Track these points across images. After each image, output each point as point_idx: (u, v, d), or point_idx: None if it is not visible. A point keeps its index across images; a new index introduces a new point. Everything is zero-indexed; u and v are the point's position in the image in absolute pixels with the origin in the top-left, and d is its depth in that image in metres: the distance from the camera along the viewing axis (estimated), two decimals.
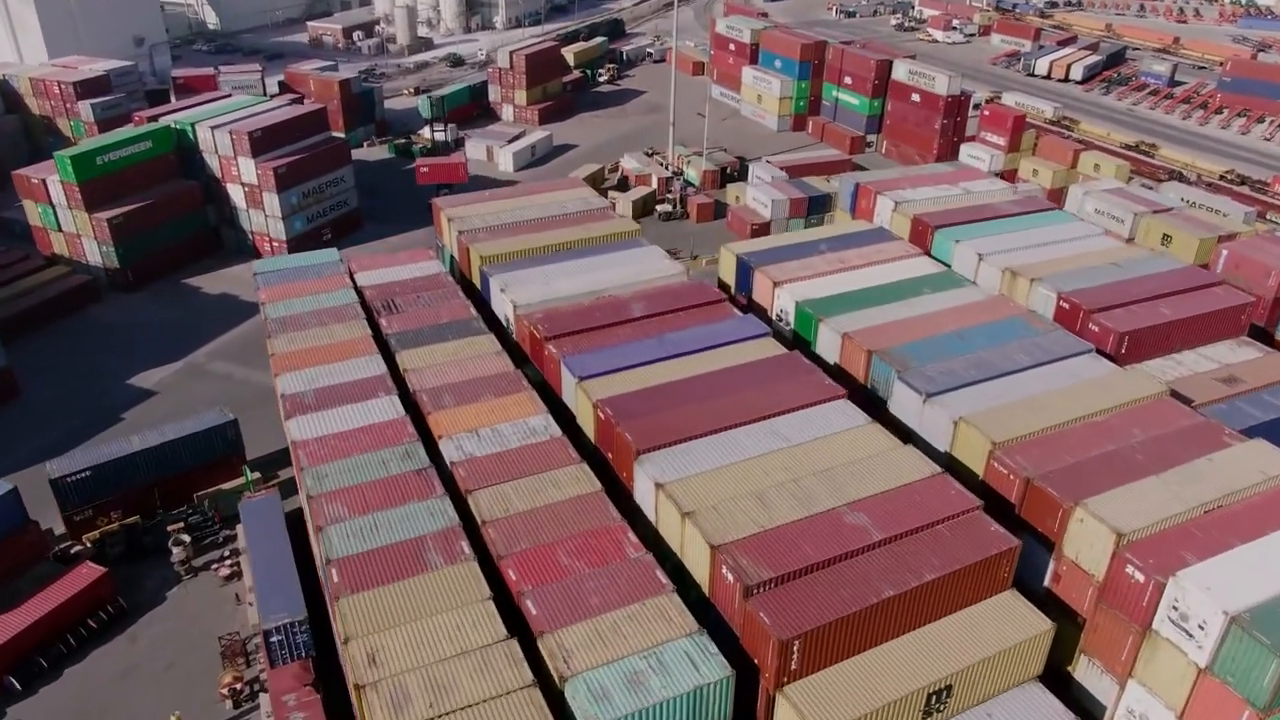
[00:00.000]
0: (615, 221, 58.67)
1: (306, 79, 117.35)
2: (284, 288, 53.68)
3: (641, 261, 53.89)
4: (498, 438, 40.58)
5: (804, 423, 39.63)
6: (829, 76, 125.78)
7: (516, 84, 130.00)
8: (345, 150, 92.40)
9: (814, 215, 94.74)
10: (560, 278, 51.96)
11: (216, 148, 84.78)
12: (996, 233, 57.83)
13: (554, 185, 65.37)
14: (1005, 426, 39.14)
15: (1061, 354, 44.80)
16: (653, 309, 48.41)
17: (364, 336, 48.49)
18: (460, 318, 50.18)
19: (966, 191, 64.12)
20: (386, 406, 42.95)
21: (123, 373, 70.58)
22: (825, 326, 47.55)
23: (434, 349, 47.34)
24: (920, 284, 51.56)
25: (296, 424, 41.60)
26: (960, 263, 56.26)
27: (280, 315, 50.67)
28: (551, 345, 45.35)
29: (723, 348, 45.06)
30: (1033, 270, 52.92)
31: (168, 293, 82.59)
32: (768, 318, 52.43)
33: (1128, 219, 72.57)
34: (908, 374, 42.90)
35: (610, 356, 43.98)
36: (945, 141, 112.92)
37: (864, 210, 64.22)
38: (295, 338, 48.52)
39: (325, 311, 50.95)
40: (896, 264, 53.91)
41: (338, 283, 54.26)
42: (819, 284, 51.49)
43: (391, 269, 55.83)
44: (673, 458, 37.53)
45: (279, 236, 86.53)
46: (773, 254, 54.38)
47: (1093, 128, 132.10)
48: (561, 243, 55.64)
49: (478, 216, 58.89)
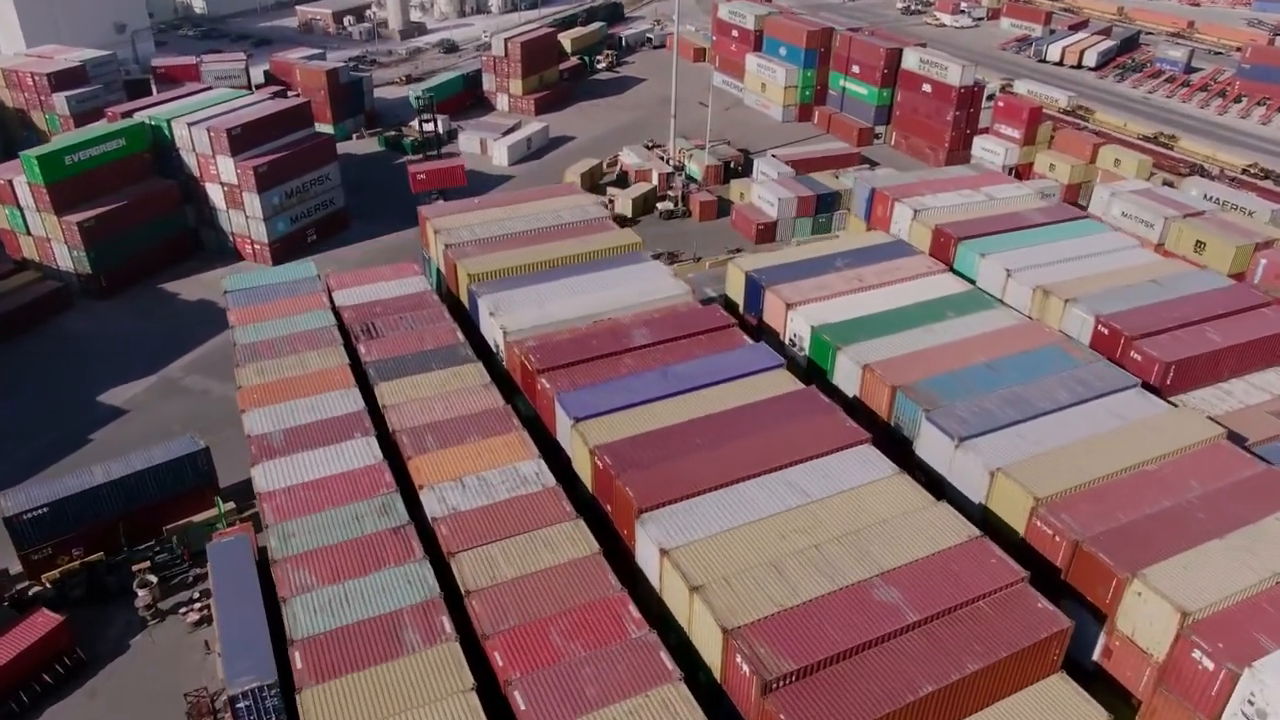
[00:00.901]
0: (614, 233, 54.50)
1: (292, 68, 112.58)
2: (255, 309, 49.63)
3: (643, 279, 49.81)
4: (484, 488, 36.66)
5: (824, 473, 35.70)
6: (836, 65, 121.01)
7: (511, 72, 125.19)
8: (330, 147, 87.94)
9: (822, 214, 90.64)
10: (555, 299, 47.92)
11: (194, 145, 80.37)
12: (1024, 245, 53.72)
13: (549, 191, 61.12)
14: (1048, 479, 35.22)
15: (1104, 389, 40.84)
16: (656, 336, 44.38)
17: (340, 366, 44.47)
18: (446, 344, 46.16)
19: (990, 198, 59.94)
20: (363, 450, 39.00)
21: (92, 389, 66.56)
22: (844, 356, 43.55)
23: (417, 380, 43.35)
24: (945, 305, 47.53)
25: (263, 472, 37.65)
26: (986, 278, 52.20)
27: (250, 341, 46.63)
28: (545, 379, 41.37)
29: (733, 382, 41.08)
30: (1066, 289, 48.86)
31: (143, 300, 78.40)
32: (779, 341, 48.43)
33: (1157, 223, 68.48)
34: (937, 414, 38.93)
35: (609, 393, 40.02)
36: (958, 134, 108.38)
37: (880, 218, 60.07)
38: (265, 367, 44.50)
39: (299, 337, 46.90)
40: (918, 282, 49.85)
41: (314, 302, 50.19)
42: (835, 306, 47.44)
43: (372, 286, 51.74)
44: (678, 517, 33.63)
45: (260, 239, 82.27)
46: (784, 271, 50.28)
47: (1108, 117, 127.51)
48: (556, 258, 51.54)
49: (466, 228, 54.72)
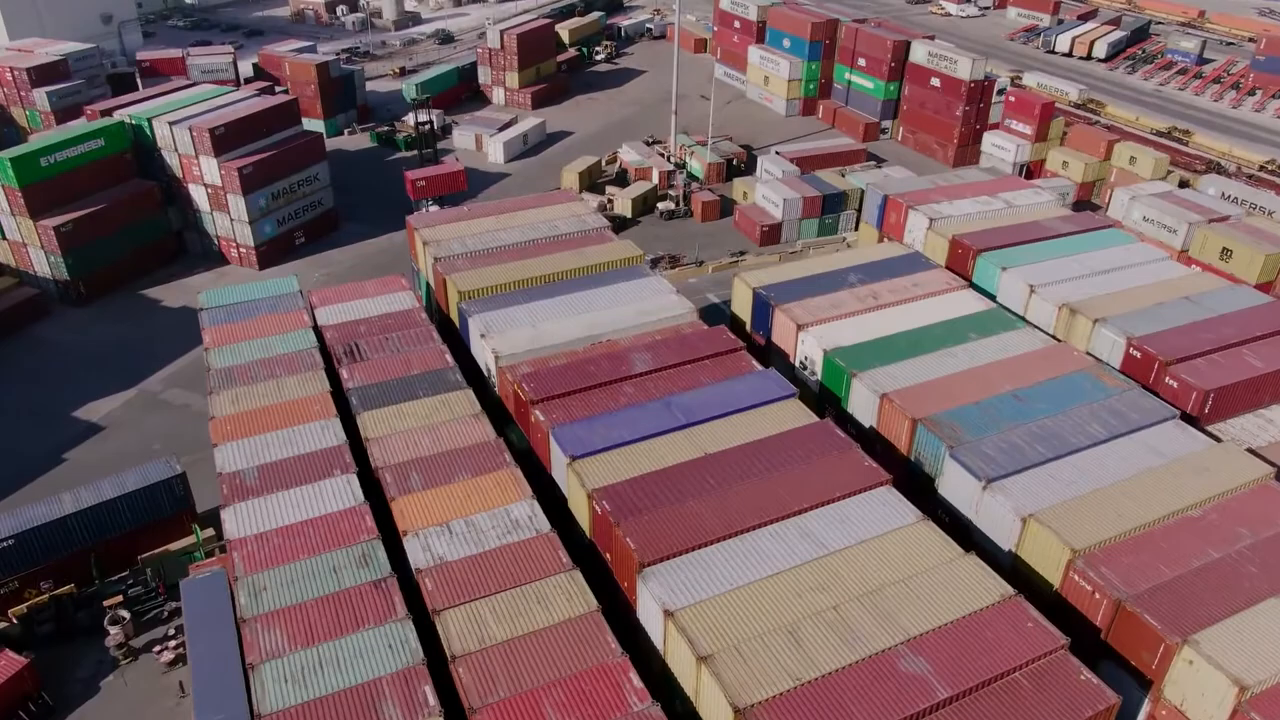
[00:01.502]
0: (614, 245, 51.48)
1: (281, 62, 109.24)
2: (232, 328, 46.71)
3: (645, 297, 46.86)
4: (473, 534, 33.84)
5: (842, 520, 32.87)
6: (841, 58, 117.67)
7: (508, 65, 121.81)
8: (319, 145, 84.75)
9: (829, 215, 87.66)
10: (550, 318, 44.99)
11: (176, 145, 77.26)
12: (1047, 257, 50.75)
13: (545, 199, 58.03)
14: (1086, 527, 32.40)
15: (1140, 422, 37.97)
16: (659, 361, 41.45)
17: (320, 394, 41.55)
18: (434, 368, 43.25)
19: (1009, 205, 56.92)
20: (342, 490, 36.14)
21: (68, 403, 63.74)
22: (860, 384, 40.65)
23: (402, 410, 40.46)
24: (966, 326, 44.61)
25: (234, 515, 34.80)
26: (1007, 294, 49.28)
27: (225, 365, 43.71)
28: (539, 411, 38.48)
29: (741, 414, 38.19)
30: (1095, 307, 45.95)
31: (123, 307, 75.42)
32: (789, 364, 45.55)
33: (1181, 229, 65.59)
34: (962, 451, 36.06)
35: (608, 427, 37.13)
36: (967, 130, 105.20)
37: (893, 226, 57.09)
38: (241, 395, 41.59)
39: (278, 360, 43.96)
40: (937, 300, 46.91)
41: (295, 321, 47.24)
42: (849, 326, 44.52)
43: (357, 303, 48.77)
44: (684, 571, 30.81)
45: (246, 242, 79.28)
46: (795, 288, 47.32)
47: (1120, 111, 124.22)
48: (552, 273, 48.57)
49: (457, 240, 51.72)
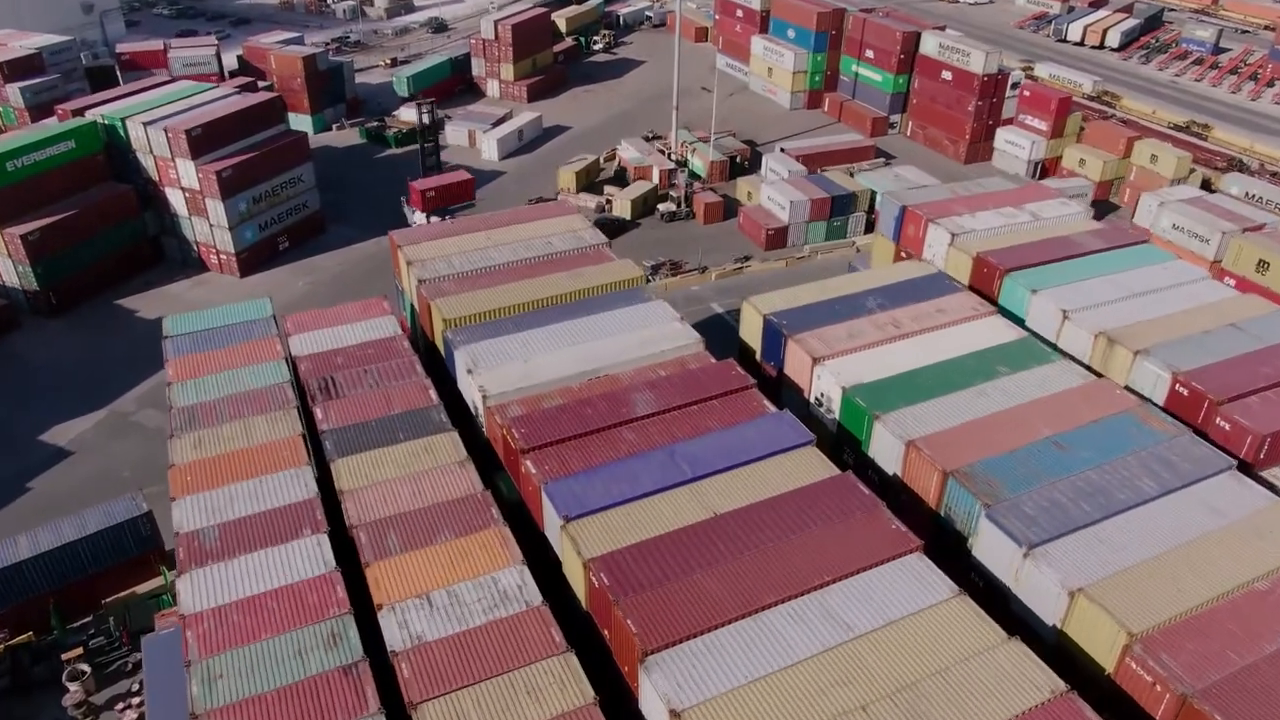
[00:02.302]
0: (613, 266, 47.72)
1: (266, 54, 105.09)
2: (198, 359, 42.98)
3: (647, 324, 43.20)
4: (456, 608, 30.30)
5: (868, 595, 29.32)
6: (848, 49, 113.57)
7: (502, 57, 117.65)
8: (303, 145, 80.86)
9: (837, 217, 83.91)
10: (544, 350, 41.32)
11: (151, 147, 73.35)
12: (1080, 278, 47.04)
13: (539, 211, 54.18)
14: (1143, 605, 28.89)
15: (1194, 474, 34.39)
16: (662, 402, 37.78)
17: (291, 438, 37.88)
18: (417, 406, 39.60)
19: (1036, 218, 53.14)
20: (312, 553, 32.55)
21: (35, 425, 60.14)
22: (883, 428, 37.02)
23: (381, 456, 36.83)
24: (997, 358, 40.95)
25: (190, 586, 31.21)
26: (1037, 318, 45.60)
27: (188, 403, 40.04)
28: (530, 461, 34.86)
29: (753, 465, 34.59)
30: (1134, 336, 42.29)
31: (97, 317, 71.67)
32: (803, 399, 41.92)
33: (1213, 238, 61.97)
34: (1000, 511, 32.49)
35: (606, 482, 33.53)
36: (979, 125, 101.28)
37: (911, 240, 53.36)
38: (205, 439, 37.93)
39: (246, 398, 40.27)
40: (963, 328, 43.23)
41: (267, 351, 43.54)
42: (869, 360, 40.85)
43: (335, 330, 45.06)
44: (692, 660, 27.27)
45: (226, 249, 75.50)
46: (809, 315, 43.63)
47: (1136, 104, 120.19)
48: (546, 297, 44.85)
49: (443, 259, 47.96)
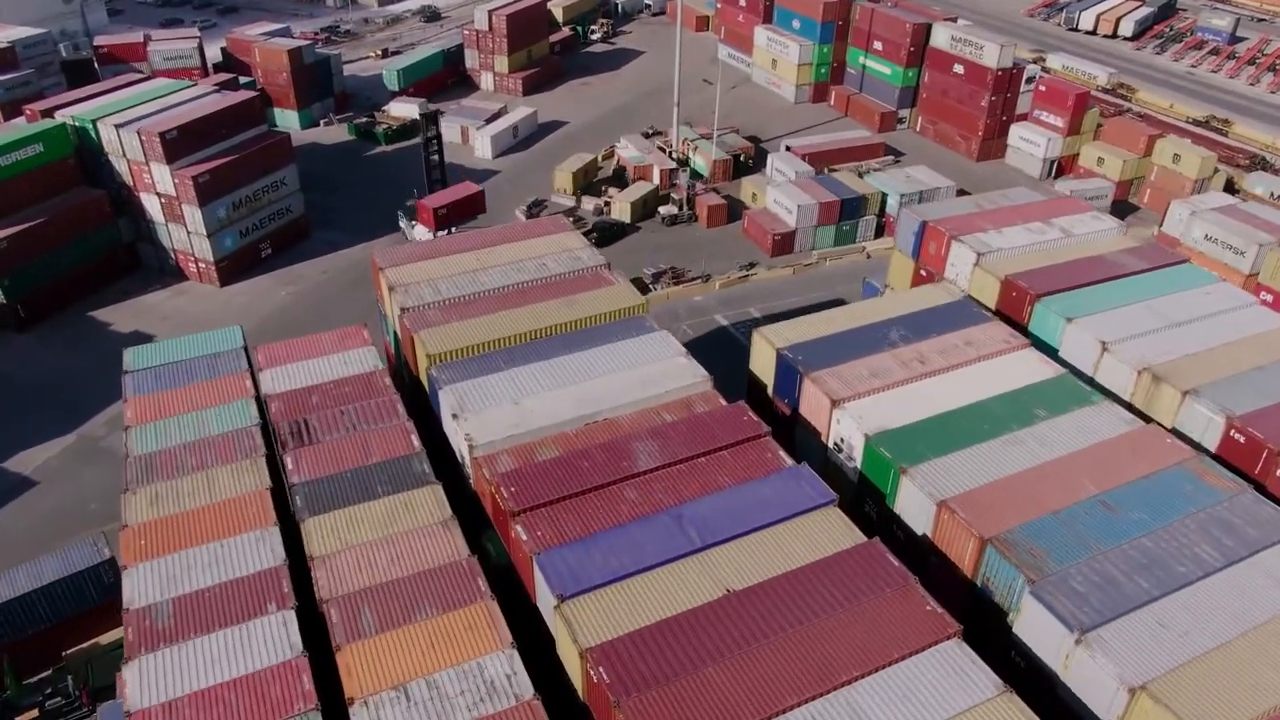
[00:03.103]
0: (612, 292, 44.03)
1: (251, 47, 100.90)
2: (159, 398, 39.36)
3: (649, 359, 39.55)
4: (437, 702, 26.81)
5: (902, 695, 25.86)
6: (855, 40, 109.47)
7: (496, 48, 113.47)
8: (286, 147, 76.94)
9: (846, 221, 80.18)
10: (537, 390, 37.73)
11: (124, 150, 69.48)
12: (1118, 304, 43.43)
13: (532, 228, 50.38)
14: (1213, 706, 25.43)
15: (1261, 541, 30.88)
16: (667, 454, 34.19)
17: (259, 492, 34.32)
18: (398, 454, 36.03)
19: (1067, 234, 49.45)
20: (277, 634, 29.02)
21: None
22: (911, 484, 33.48)
23: (356, 514, 33.27)
24: (1033, 400, 37.37)
25: (138, 678, 27.69)
26: (1073, 350, 42.03)
27: (147, 451, 36.43)
28: (521, 526, 31.32)
29: (770, 529, 31.08)
30: (1182, 373, 38.73)
31: (69, 331, 68.02)
32: (821, 443, 38.38)
33: (1249, 251, 58.31)
34: (1046, 587, 28.99)
35: (605, 553, 30.01)
36: (993, 121, 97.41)
37: (932, 258, 49.69)
38: (162, 494, 34.36)
39: (210, 444, 36.67)
40: (995, 364, 39.63)
41: (235, 388, 39.93)
42: (893, 401, 37.27)
43: (310, 363, 41.46)
44: None
45: (205, 257, 71.80)
46: (826, 348, 40.00)
47: (1152, 97, 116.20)
48: (539, 329, 41.22)
49: (428, 283, 44.26)
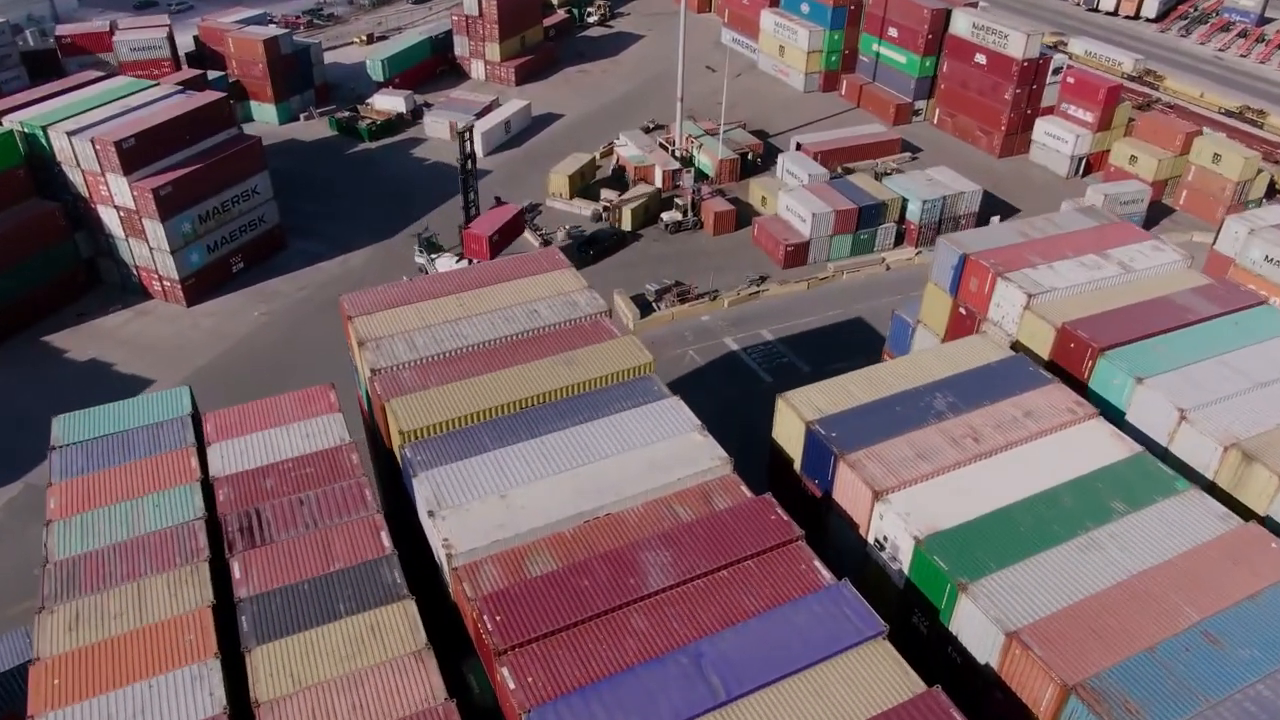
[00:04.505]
0: (614, 348, 38.38)
1: (224, 36, 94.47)
2: (90, 482, 33.84)
3: (658, 434, 34.01)
4: None
5: None
6: (868, 27, 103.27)
7: (487, 35, 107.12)
8: (257, 152, 70.96)
9: (864, 229, 74.51)
10: (528, 476, 32.24)
11: (78, 160, 63.54)
12: (1194, 359, 37.96)
13: (521, 265, 44.49)
14: None
15: None
16: (683, 568, 28.71)
17: (199, 611, 28.90)
18: (365, 558, 30.59)
19: (1126, 269, 43.86)
20: None
21: None
22: (972, 604, 28.12)
23: (314, 640, 27.86)
24: (1109, 488, 31.98)
25: None
26: (1144, 416, 36.62)
27: (69, 555, 31.03)
28: (508, 669, 25.97)
29: (808, 671, 25.77)
30: (1277, 450, 33.36)
31: (18, 360, 62.44)
32: (859, 535, 33.03)
33: None
34: None
35: (611, 710, 24.70)
36: (1016, 115, 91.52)
37: (974, 296, 44.15)
38: (83, 615, 28.92)
39: (146, 544, 31.18)
40: (1060, 438, 34.19)
41: (178, 469, 34.39)
42: (944, 491, 31.86)
43: (267, 435, 35.82)
44: None
45: (170, 275, 66.20)
46: (863, 421, 34.50)
47: (1181, 85, 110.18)
48: (530, 396, 35.69)
49: (403, 336, 38.61)
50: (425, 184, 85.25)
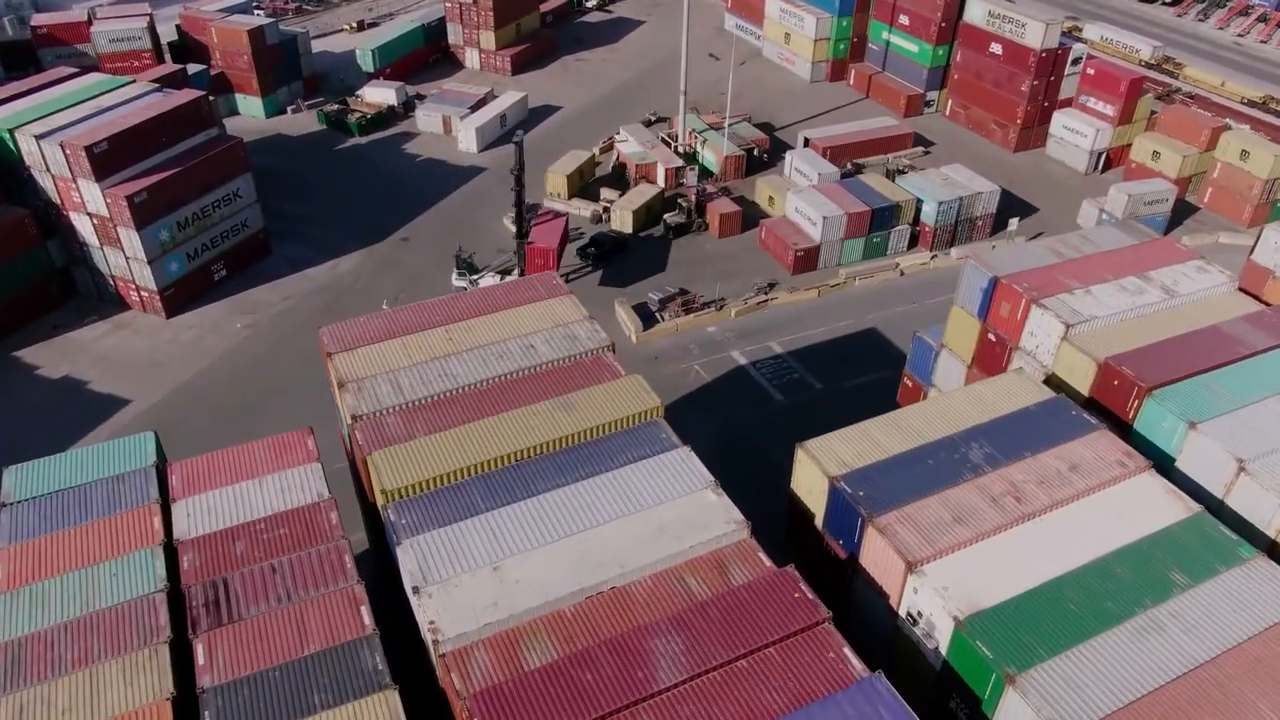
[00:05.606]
0: (617, 387, 35.19)
1: (207, 25, 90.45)
2: (40, 545, 30.76)
3: (668, 493, 30.91)
4: None
5: None
6: (878, 13, 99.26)
7: (482, 22, 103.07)
8: (239, 154, 67.24)
9: (877, 232, 71.11)
10: (523, 543, 29.16)
11: (48, 164, 59.96)
12: (1250, 399, 34.88)
13: (515, 291, 41.23)
14: None
15: None
16: (698, 658, 25.64)
17: (154, 706, 25.88)
18: (343, 638, 27.59)
19: (1170, 294, 40.63)
20: None
21: None
22: (1022, 700, 25.07)
23: None
24: (1167, 557, 28.95)
25: None
26: (1196, 465, 33.57)
27: (14, 636, 27.92)
28: None
29: None
30: None
31: None
32: (889, 606, 29.99)
33: None
34: None
35: None
36: (1034, 108, 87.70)
37: (1005, 322, 40.94)
38: (28, 708, 25.94)
39: (100, 622, 28.15)
40: (1109, 495, 31.10)
41: (139, 530, 31.30)
42: (985, 560, 28.81)
43: (238, 489, 32.73)
44: None
45: (147, 285, 62.72)
46: (892, 477, 31.38)
47: (1201, 73, 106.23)
48: (526, 449, 32.52)
49: (386, 377, 35.40)
50: (418, 182, 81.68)
